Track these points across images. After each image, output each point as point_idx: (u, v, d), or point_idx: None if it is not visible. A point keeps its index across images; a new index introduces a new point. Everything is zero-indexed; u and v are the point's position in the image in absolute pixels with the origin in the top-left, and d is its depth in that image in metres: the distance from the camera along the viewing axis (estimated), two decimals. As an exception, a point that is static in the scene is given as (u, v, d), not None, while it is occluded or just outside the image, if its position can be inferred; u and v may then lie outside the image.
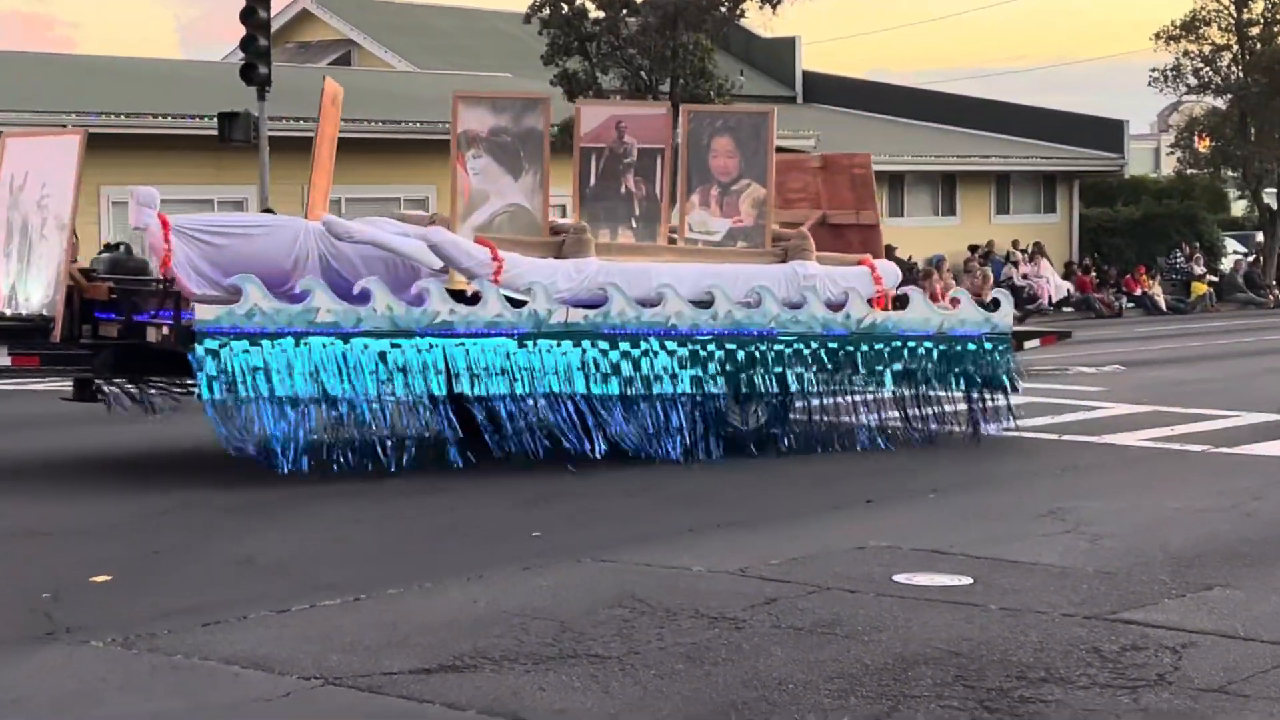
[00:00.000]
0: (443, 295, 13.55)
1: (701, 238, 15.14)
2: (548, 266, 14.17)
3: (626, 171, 14.96)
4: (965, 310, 15.43)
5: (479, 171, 14.68)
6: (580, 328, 13.88)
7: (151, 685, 7.25)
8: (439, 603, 8.79)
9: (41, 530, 10.97)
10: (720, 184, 15.18)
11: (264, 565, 9.82)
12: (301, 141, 29.06)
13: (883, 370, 14.97)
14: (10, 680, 7.28)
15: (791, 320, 14.61)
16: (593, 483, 12.98)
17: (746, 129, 15.28)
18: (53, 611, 8.55)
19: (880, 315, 15.04)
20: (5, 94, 27.68)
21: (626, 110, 15.55)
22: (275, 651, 7.74)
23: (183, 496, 12.13)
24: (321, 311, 13.12)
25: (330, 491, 12.40)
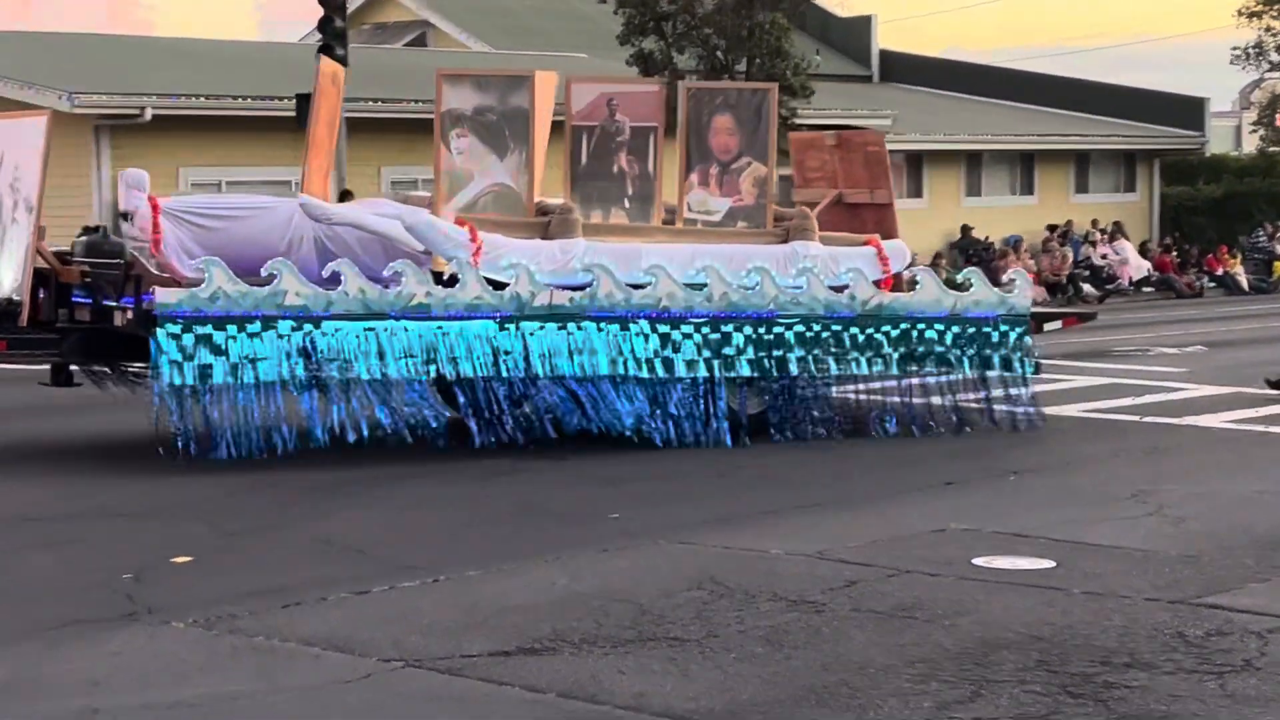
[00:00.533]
0: (419, 277, 13.29)
1: (701, 217, 14.84)
2: (531, 248, 13.91)
3: (619, 151, 14.62)
4: (979, 291, 15.00)
5: (463, 151, 14.32)
6: (566, 310, 13.60)
7: (233, 666, 7.27)
8: (517, 585, 8.78)
9: (120, 511, 11.04)
10: (720, 163, 14.86)
11: (342, 546, 9.84)
12: (378, 123, 29.26)
13: (891, 353, 14.57)
14: (93, 661, 7.32)
15: (792, 302, 14.27)
16: (669, 464, 12.95)
17: (747, 107, 14.94)
18: (134, 592, 8.60)
19: (888, 297, 14.67)
20: (87, 76, 27.87)
21: (618, 88, 15.17)
22: (355, 633, 7.75)
23: (260, 477, 12.18)
24: (290, 294, 12.92)
25: (407, 472, 12.42)
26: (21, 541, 9.98)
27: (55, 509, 11.06)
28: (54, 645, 7.56)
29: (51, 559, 9.49)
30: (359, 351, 12.99)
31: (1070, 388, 17.78)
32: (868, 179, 16.24)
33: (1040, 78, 45.70)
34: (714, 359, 13.98)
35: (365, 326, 13.01)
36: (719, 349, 14.00)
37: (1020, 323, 14.98)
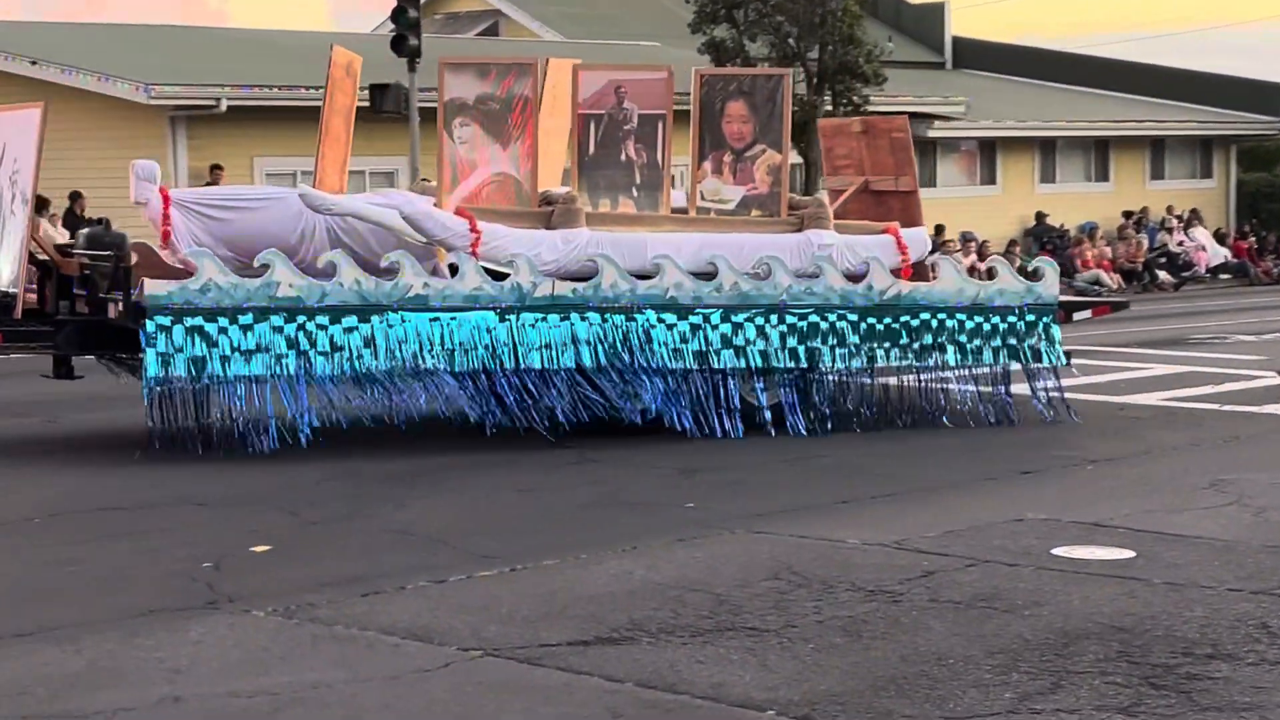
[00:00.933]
0: (416, 268, 13.14)
1: (714, 206, 14.60)
2: (532, 238, 13.73)
3: (627, 139, 14.33)
4: (1004, 280, 14.69)
5: (466, 140, 14.02)
6: (568, 300, 13.46)
7: (313, 655, 7.31)
8: (594, 574, 8.79)
9: (199, 500, 11.10)
10: (734, 150, 14.59)
11: (420, 535, 9.88)
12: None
13: (911, 343, 14.28)
14: (175, 649, 7.37)
15: (806, 292, 14.01)
16: (743, 454, 12.94)
17: (761, 92, 14.66)
18: (214, 581, 8.65)
19: (907, 286, 14.36)
20: (161, 68, 28.07)
21: (626, 75, 14.79)
22: (434, 622, 7.78)
23: (337, 466, 12.24)
24: (283, 286, 12.84)
25: (483, 461, 12.46)
26: (101, 531, 10.06)
27: (133, 499, 11.13)
28: (135, 634, 7.62)
29: (131, 548, 9.56)
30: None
31: (1147, 376, 17.65)
32: (893, 166, 15.93)
33: (1115, 63, 45.37)
34: (723, 349, 13.78)
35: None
36: (729, 339, 13.81)
37: (1047, 312, 14.65)
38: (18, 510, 10.69)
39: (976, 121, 36.08)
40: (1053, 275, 14.87)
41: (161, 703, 6.62)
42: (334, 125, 14.92)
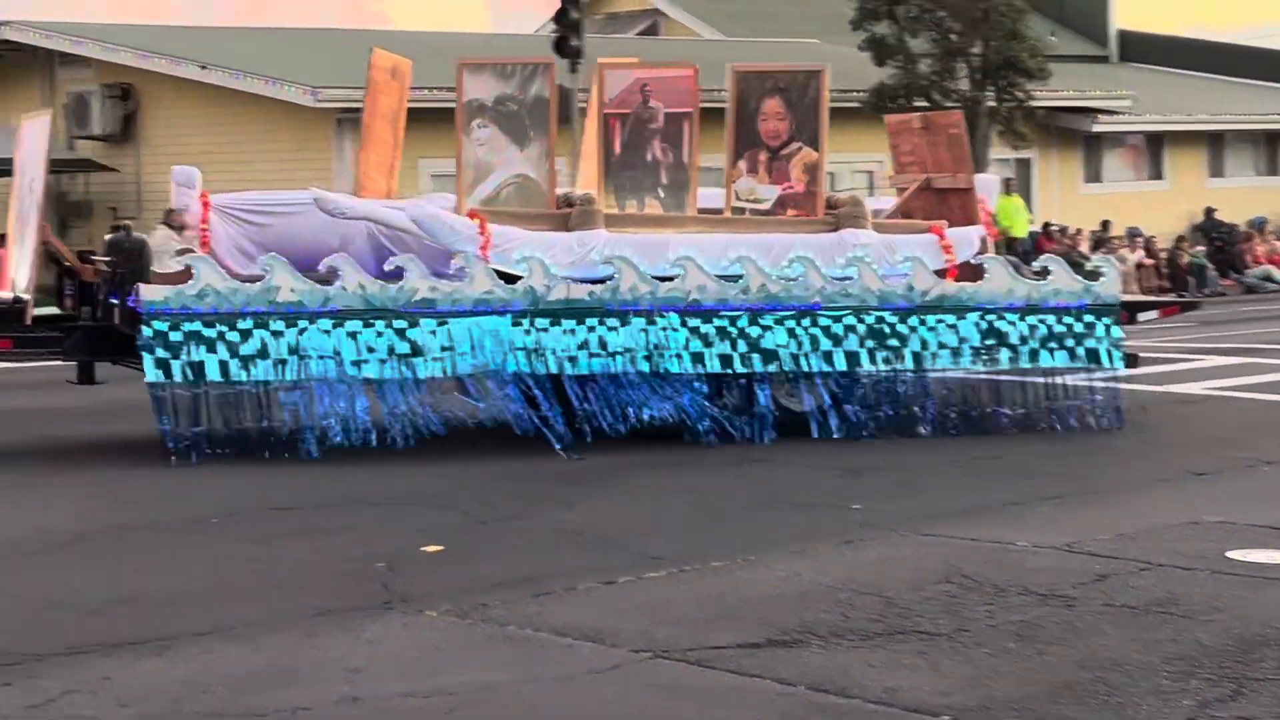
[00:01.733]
0: (422, 271, 13.02)
1: (749, 206, 14.28)
2: (546, 240, 13.52)
3: (653, 138, 14.05)
4: (1059, 279, 14.07)
5: (484, 142, 13.87)
6: (585, 304, 13.20)
7: (486, 655, 7.37)
8: (763, 576, 8.79)
9: (371, 500, 11.24)
10: (769, 148, 14.22)
11: (589, 536, 9.93)
12: (612, 112, 29.39)
13: (958, 346, 13.78)
14: (351, 648, 7.48)
15: (841, 293, 13.59)
16: (909, 455, 12.86)
17: (796, 89, 14.30)
18: (388, 581, 8.76)
19: (952, 286, 13.87)
20: (326, 70, 28.42)
21: (651, 73, 14.51)
22: (605, 623, 7.81)
23: (505, 466, 12.34)
24: (283, 290, 12.78)
25: (649, 462, 12.50)
26: (275, 531, 10.22)
27: (306, 499, 11.30)
28: (312, 633, 7.73)
29: (305, 548, 9.70)
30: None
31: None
32: (951, 162, 15.39)
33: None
34: (752, 353, 13.44)
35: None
36: (758, 342, 13.48)
37: (1108, 313, 14.05)
38: (197, 510, 10.90)
39: (1142, 115, 35.53)
40: (1112, 275, 14.41)
41: (340, 702, 6.71)
42: (377, 129, 14.78)
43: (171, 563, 9.29)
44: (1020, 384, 14.53)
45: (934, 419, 13.85)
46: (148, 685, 6.95)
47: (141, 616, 8.07)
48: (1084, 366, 14.01)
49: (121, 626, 7.88)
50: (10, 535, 10.13)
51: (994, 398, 14.47)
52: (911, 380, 13.85)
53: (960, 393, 14.54)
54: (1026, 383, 14.48)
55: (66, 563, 9.35)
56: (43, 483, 12.04)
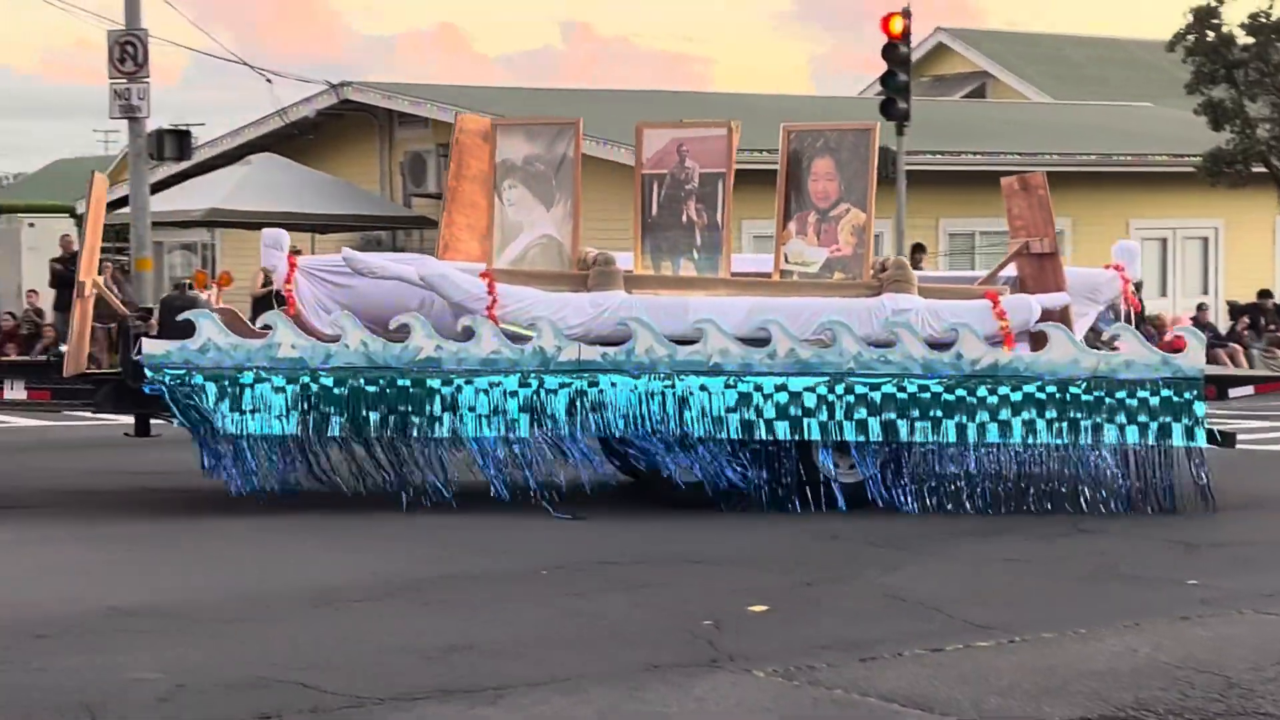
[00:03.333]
0: (428, 331, 13.07)
1: (798, 269, 13.78)
2: (558, 300, 13.35)
3: (688, 199, 13.75)
4: (1133, 350, 13.24)
5: (515, 202, 13.94)
6: (596, 365, 13.05)
7: (814, 718, 7.35)
8: (1095, 649, 8.60)
9: (693, 558, 11.31)
10: (819, 210, 13.72)
11: (914, 601, 9.83)
12: (936, 175, 29.28)
13: (1010, 418, 13.07)
14: (680, 704, 7.52)
15: (879, 360, 13.07)
16: (1251, 528, 12.51)
17: (847, 148, 13.78)
18: (715, 639, 8.79)
19: (1006, 356, 13.18)
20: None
21: (688, 133, 14.19)
22: (933, 691, 7.73)
23: (828, 528, 12.31)
24: (284, 346, 12.96)
25: (969, 529, 12.38)
26: (601, 585, 10.34)
27: (630, 553, 11.43)
28: (640, 687, 7.80)
29: (632, 602, 9.80)
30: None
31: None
32: (1041, 225, 14.43)
33: None
34: (778, 420, 13.06)
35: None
36: (786, 409, 13.08)
37: (1190, 387, 13.14)
38: (526, 561, 11.09)
39: None
40: (1196, 345, 13.40)
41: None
42: (465, 191, 14.70)
43: (503, 612, 9.47)
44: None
45: (986, 494, 13.20)
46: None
47: (476, 664, 8.23)
48: (1158, 444, 13.14)
49: (457, 674, 8.05)
50: (350, 580, 10.44)
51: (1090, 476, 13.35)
52: (963, 453, 13.19)
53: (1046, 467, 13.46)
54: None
55: (403, 609, 9.59)
56: (376, 530, 12.37)
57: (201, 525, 12.55)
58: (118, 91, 24.36)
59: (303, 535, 12.20)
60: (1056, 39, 46.71)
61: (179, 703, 7.53)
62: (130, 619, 9.26)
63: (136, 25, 24.38)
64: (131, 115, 24.44)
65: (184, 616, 9.31)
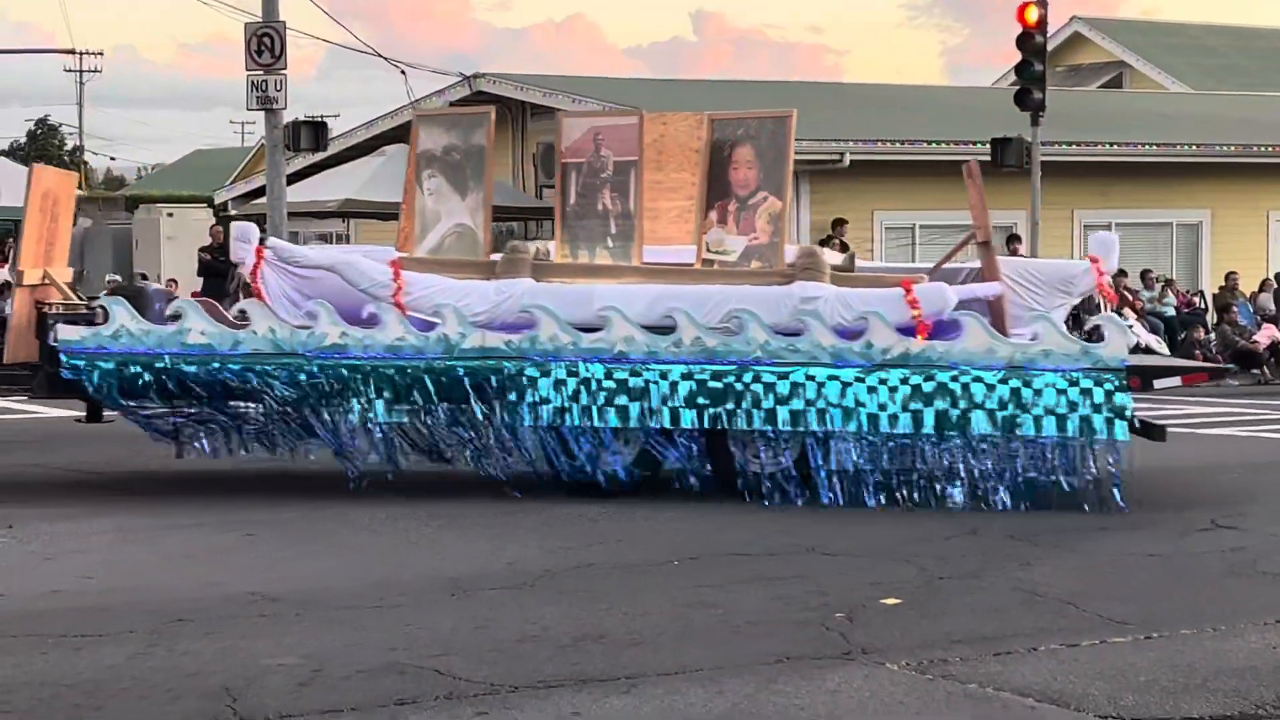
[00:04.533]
0: (333, 318, 13.21)
1: (718, 258, 13.67)
2: (464, 288, 13.44)
3: (603, 187, 13.79)
4: (1050, 340, 12.86)
5: (433, 192, 14.22)
6: (501, 353, 13.09)
7: (948, 712, 7.33)
8: (1235, 646, 8.50)
9: (825, 550, 11.28)
10: (738, 198, 13.59)
11: (1048, 596, 9.75)
12: (1073, 166, 29.01)
13: (922, 409, 12.77)
14: (813, 697, 7.52)
15: (788, 349, 12.89)
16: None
17: (766, 136, 13.63)
18: (847, 632, 8.77)
19: (918, 345, 12.88)
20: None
21: (604, 121, 14.29)
22: (1068, 686, 7.67)
23: (966, 523, 12.23)
24: (194, 334, 13.17)
25: (1108, 524, 12.24)
26: (733, 577, 10.34)
27: (760, 545, 11.41)
28: (773, 679, 7.80)
29: (764, 594, 9.79)
30: None
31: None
32: (979, 214, 14.04)
33: None
34: (685, 409, 12.98)
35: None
36: (693, 398, 12.97)
37: (1111, 379, 12.73)
38: (659, 552, 11.13)
39: None
40: (1117, 335, 13.00)
41: (803, 750, 6.76)
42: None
43: (636, 602, 9.50)
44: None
45: (906, 486, 12.98)
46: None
47: (610, 654, 8.28)
48: (1076, 438, 12.74)
49: (591, 662, 8.10)
50: (485, 568, 10.54)
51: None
52: (877, 444, 13.00)
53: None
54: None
55: (538, 597, 9.66)
56: (512, 519, 12.46)
57: (338, 512, 12.69)
58: (255, 83, 24.66)
59: (438, 524, 12.31)
60: (1195, 28, 46.10)
61: (317, 688, 7.64)
62: (269, 604, 9.40)
63: (274, 18, 24.65)
64: (268, 106, 24.73)
65: (321, 603, 9.44)
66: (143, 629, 8.75)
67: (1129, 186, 29.97)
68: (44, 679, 7.77)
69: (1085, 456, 12.84)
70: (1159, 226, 30.25)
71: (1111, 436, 12.72)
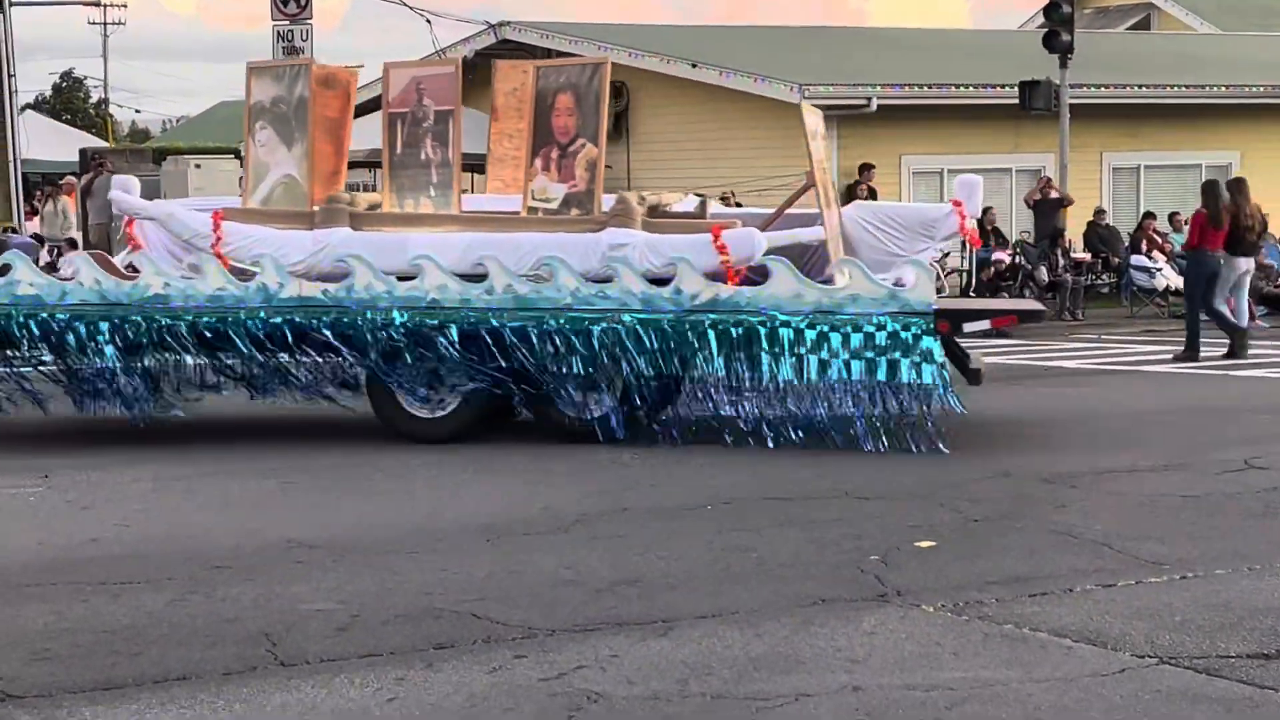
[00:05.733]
0: (157, 269, 13.59)
1: (542, 205, 13.79)
2: (280, 238, 13.74)
3: (425, 137, 14.01)
4: (857, 284, 12.88)
5: (264, 143, 14.49)
6: (317, 302, 13.35)
7: (984, 653, 7.34)
8: (1270, 585, 8.50)
9: (859, 494, 11.28)
10: (560, 145, 13.72)
11: (1083, 538, 9.75)
12: (1101, 109, 28.86)
13: (730, 354, 12.93)
14: (849, 639, 7.54)
15: (598, 295, 13.08)
16: None
17: (583, 83, 13.72)
18: (882, 574, 8.79)
19: (727, 290, 13.01)
20: (814, 68, 28.70)
21: (425, 71, 14.50)
22: (1105, 627, 7.68)
23: (999, 465, 12.22)
24: (23, 285, 13.50)
25: (1138, 465, 12.23)
26: (768, 520, 10.34)
27: (797, 489, 11.42)
28: (809, 621, 7.83)
29: (800, 537, 9.80)
30: None
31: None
32: (810, 158, 13.98)
33: None
34: (498, 356, 13.23)
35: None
36: (505, 344, 13.17)
37: (920, 323, 12.78)
38: (695, 497, 11.14)
39: None
40: (923, 279, 13.03)
41: (841, 691, 6.78)
42: (316, 140, 14.73)
43: (671, 546, 9.53)
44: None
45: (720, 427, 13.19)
46: (654, 664, 7.16)
47: (646, 597, 8.31)
48: (888, 381, 12.82)
49: (627, 606, 8.14)
50: (521, 513, 10.58)
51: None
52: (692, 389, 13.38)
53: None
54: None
55: (573, 542, 9.69)
56: (546, 465, 12.50)
57: (372, 459, 12.74)
58: (280, 33, 24.69)
59: (473, 469, 12.36)
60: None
61: (355, 632, 7.68)
62: (306, 551, 9.45)
63: (299, -33, 24.64)
64: (294, 57, 24.73)
65: (358, 549, 9.49)
66: (181, 576, 8.82)
67: (1157, 128, 29.82)
68: (84, 626, 7.84)
69: (894, 399, 12.91)
70: (1188, 169, 30.08)
71: (920, 380, 12.80)
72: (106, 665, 7.20)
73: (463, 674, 7.04)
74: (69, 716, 6.52)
